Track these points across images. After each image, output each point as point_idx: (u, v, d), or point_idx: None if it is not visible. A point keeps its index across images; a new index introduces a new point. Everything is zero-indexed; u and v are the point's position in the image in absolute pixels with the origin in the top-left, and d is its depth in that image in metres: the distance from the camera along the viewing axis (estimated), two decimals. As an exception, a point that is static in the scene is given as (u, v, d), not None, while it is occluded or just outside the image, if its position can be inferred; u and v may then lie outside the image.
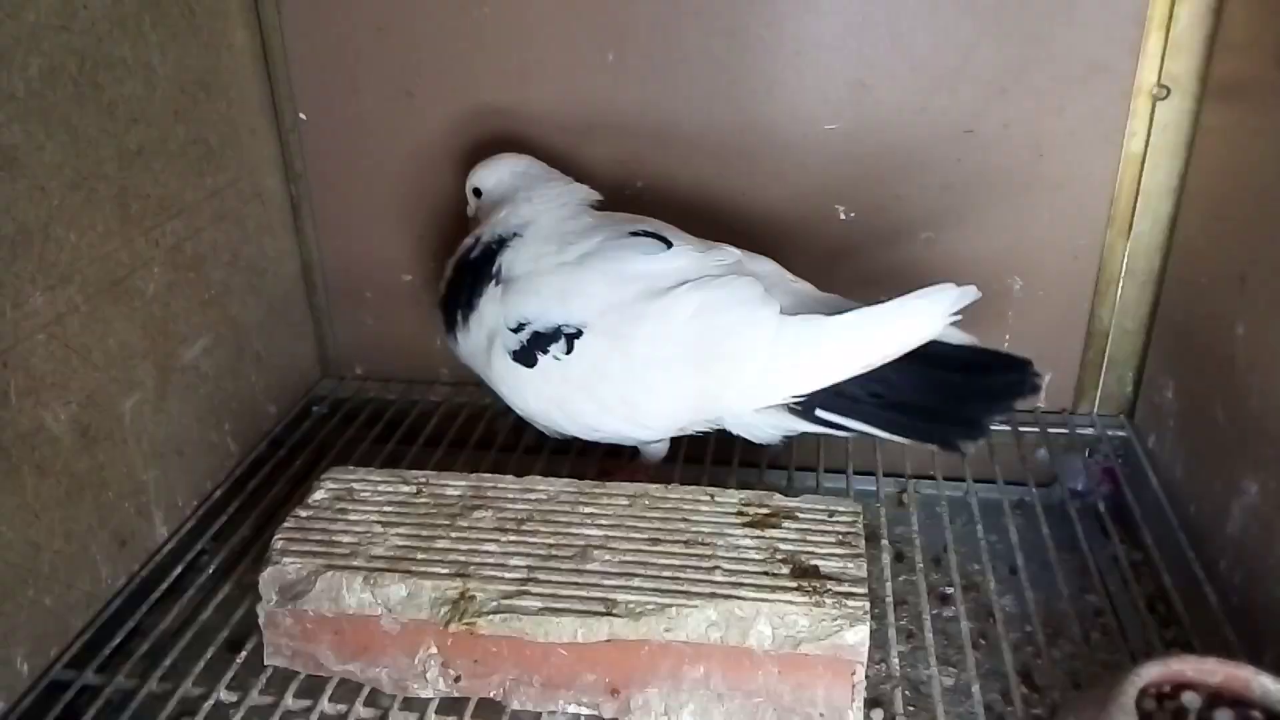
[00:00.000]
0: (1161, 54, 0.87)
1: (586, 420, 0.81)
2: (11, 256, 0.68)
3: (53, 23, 0.71)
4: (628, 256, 0.78)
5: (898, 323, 0.71)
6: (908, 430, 0.74)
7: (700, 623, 0.65)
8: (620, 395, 0.79)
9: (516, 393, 0.82)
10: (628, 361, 0.77)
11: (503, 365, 0.81)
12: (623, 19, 0.92)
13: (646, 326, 0.76)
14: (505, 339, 0.80)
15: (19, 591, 0.70)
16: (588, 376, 0.78)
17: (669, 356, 0.76)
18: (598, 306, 0.77)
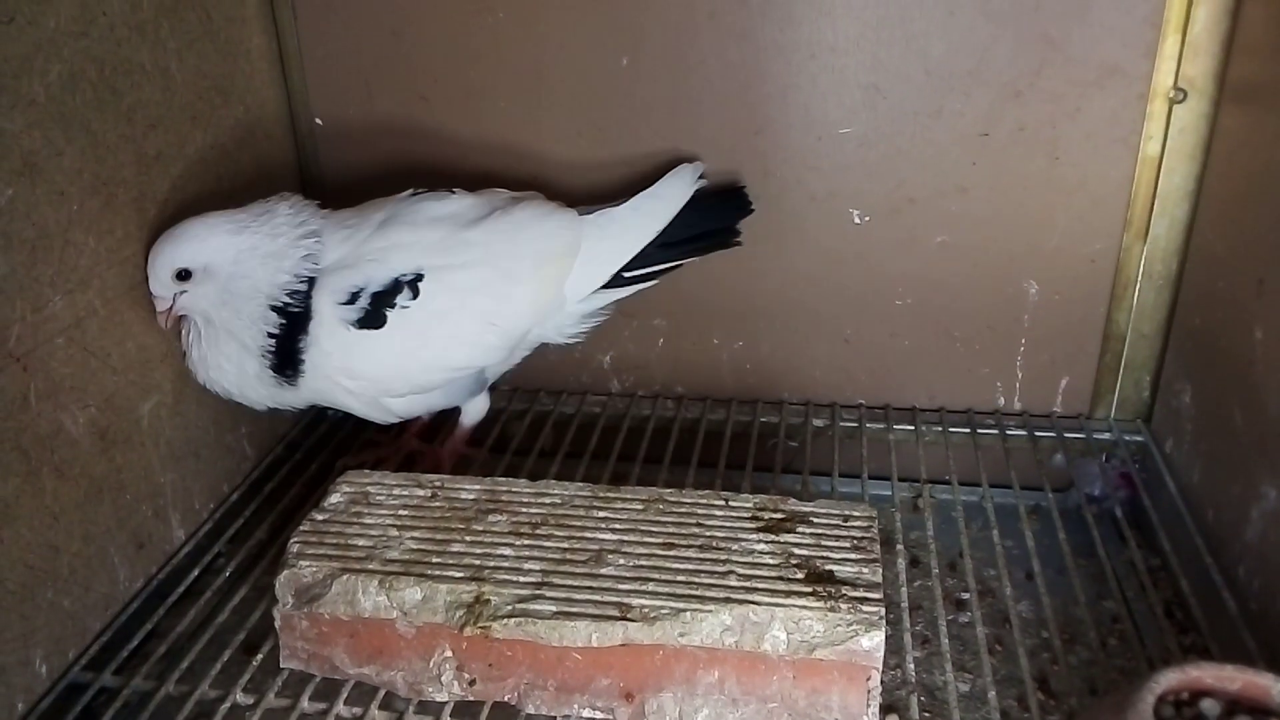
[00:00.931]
0: (1178, 56, 0.86)
1: (442, 361, 0.85)
2: (31, 261, 0.69)
3: (72, 29, 0.72)
4: (423, 207, 0.85)
5: (666, 197, 0.91)
6: (691, 253, 0.93)
7: (715, 627, 0.65)
8: (477, 317, 0.84)
9: (363, 364, 0.82)
10: (476, 282, 0.83)
11: (345, 341, 0.80)
12: (637, 23, 0.92)
13: (478, 250, 0.84)
14: (342, 317, 0.80)
15: (38, 593, 0.70)
16: (443, 312, 0.82)
17: (509, 270, 0.85)
18: (422, 251, 0.82)
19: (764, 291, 1.00)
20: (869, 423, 0.99)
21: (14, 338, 0.68)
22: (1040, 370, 0.98)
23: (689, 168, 0.92)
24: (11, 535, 0.68)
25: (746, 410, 1.01)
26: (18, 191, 0.67)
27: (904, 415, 1.00)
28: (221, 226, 0.78)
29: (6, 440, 0.67)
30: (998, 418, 0.99)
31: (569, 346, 1.03)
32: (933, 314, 0.98)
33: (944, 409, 1.00)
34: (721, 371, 1.03)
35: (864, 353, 1.00)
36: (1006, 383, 0.99)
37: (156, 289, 0.78)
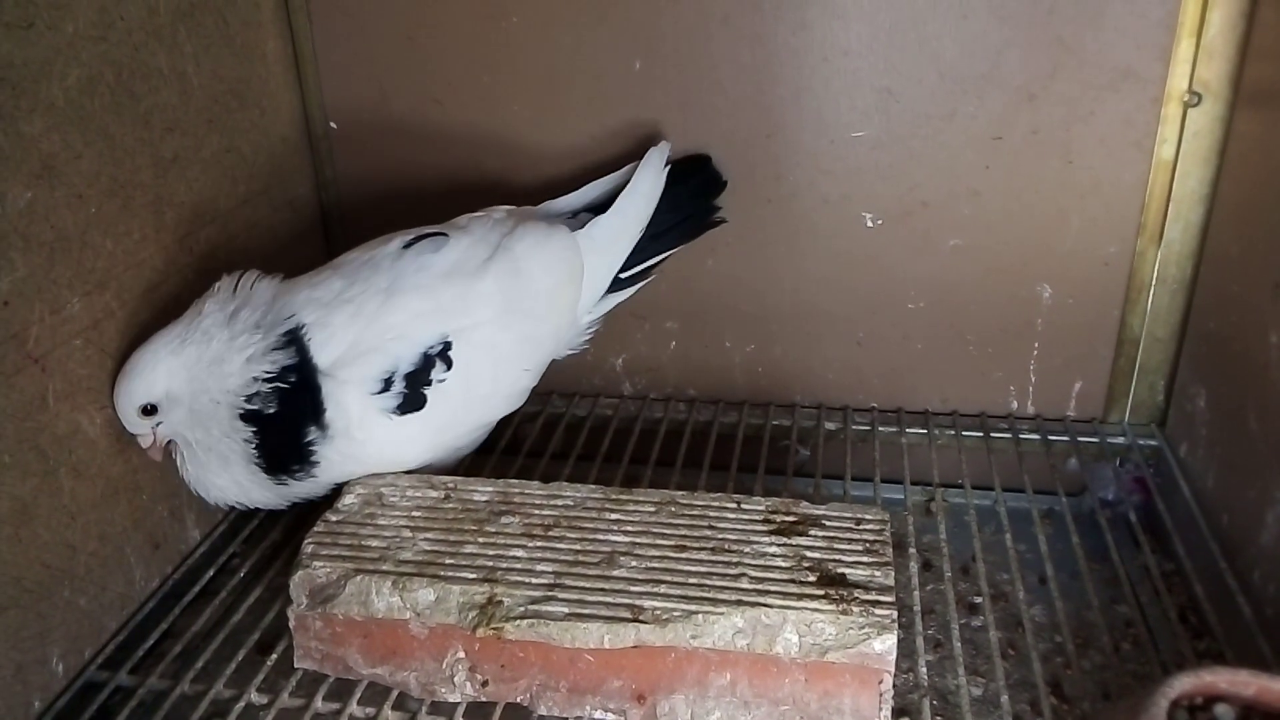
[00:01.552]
0: (1193, 60, 0.86)
1: (484, 419, 0.83)
2: (50, 263, 0.69)
3: (91, 34, 0.72)
4: (424, 263, 0.79)
5: (644, 193, 0.89)
6: (679, 241, 0.93)
7: (727, 630, 0.65)
8: (511, 367, 0.82)
9: (409, 448, 0.78)
10: (503, 334, 0.80)
11: (387, 430, 0.76)
12: (650, 27, 0.93)
13: (496, 300, 0.80)
14: (381, 407, 0.75)
15: (55, 592, 0.71)
16: (479, 374, 0.79)
17: (529, 311, 0.82)
18: (441, 315, 0.78)
19: (776, 294, 1.00)
20: (881, 426, 0.99)
21: (33, 339, 0.68)
22: (1054, 374, 0.98)
23: (656, 152, 0.90)
24: (29, 535, 0.69)
25: (759, 413, 1.01)
26: (36, 194, 0.68)
27: (917, 418, 1.00)
28: (161, 350, 0.74)
29: (25, 440, 0.68)
30: (1011, 421, 0.99)
31: (580, 349, 1.04)
32: (946, 317, 0.98)
33: (957, 412, 1.00)
34: (734, 374, 1.04)
35: (877, 356, 1.00)
36: (1020, 386, 0.99)
37: (132, 428, 0.75)
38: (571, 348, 0.91)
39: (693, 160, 0.94)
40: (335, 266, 0.80)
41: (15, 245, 0.67)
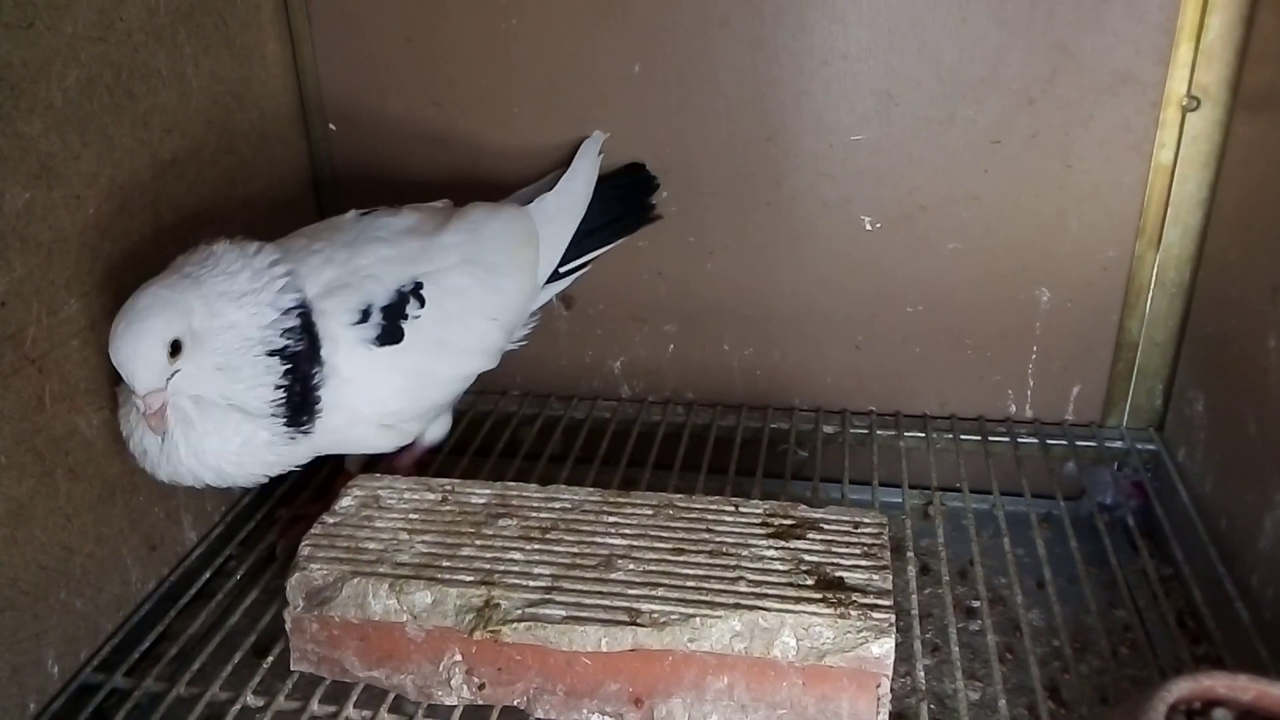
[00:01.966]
0: (1192, 64, 0.86)
1: (458, 369, 0.84)
2: (48, 264, 0.69)
3: (90, 34, 0.72)
4: (385, 223, 0.82)
5: (583, 174, 0.93)
6: (616, 236, 0.96)
7: (724, 633, 0.65)
8: (480, 314, 0.83)
9: (388, 386, 0.78)
10: (469, 280, 0.82)
11: (368, 363, 0.76)
12: (649, 30, 0.93)
13: (457, 252, 0.82)
14: (361, 337, 0.75)
15: (51, 594, 0.71)
16: (450, 315, 0.80)
17: (492, 264, 0.84)
18: (408, 261, 0.80)
19: (775, 297, 1.00)
20: (880, 429, 0.99)
21: (30, 340, 0.68)
22: (1052, 377, 0.98)
23: (591, 141, 0.94)
24: (25, 536, 0.68)
25: (757, 416, 1.01)
26: (35, 195, 0.68)
27: (915, 422, 1.00)
28: (177, 285, 0.69)
29: (21, 442, 0.68)
30: (1009, 425, 0.98)
31: (579, 352, 1.04)
32: (944, 321, 0.98)
33: (955, 416, 1.00)
34: (732, 377, 1.03)
35: (875, 359, 1.00)
36: (1018, 390, 0.99)
37: (149, 381, 0.67)
38: (514, 338, 0.91)
39: (628, 167, 0.97)
40: (293, 235, 0.81)
41: (13, 246, 0.66)
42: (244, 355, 0.70)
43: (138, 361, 0.66)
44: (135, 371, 0.66)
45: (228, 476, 0.73)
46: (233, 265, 0.71)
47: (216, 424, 0.71)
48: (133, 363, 0.66)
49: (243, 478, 0.75)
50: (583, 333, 1.04)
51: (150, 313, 0.67)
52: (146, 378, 0.67)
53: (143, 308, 0.67)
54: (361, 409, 0.77)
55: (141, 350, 0.66)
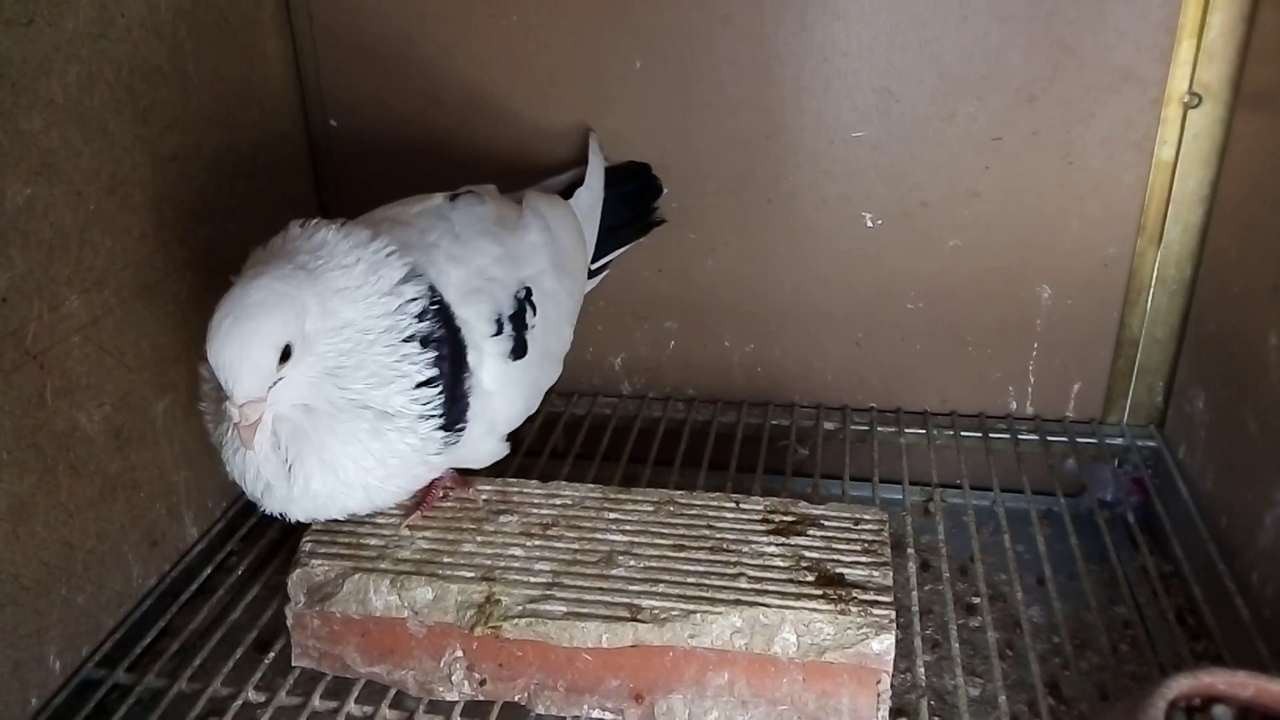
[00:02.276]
0: (1193, 62, 0.86)
1: (548, 380, 0.78)
2: (49, 260, 0.69)
3: (90, 31, 0.72)
4: (475, 212, 0.75)
5: (598, 174, 0.90)
6: (631, 237, 0.94)
7: (725, 629, 0.65)
8: (565, 319, 0.80)
9: (514, 403, 0.72)
10: (557, 284, 0.78)
11: (507, 379, 0.70)
12: (650, 27, 0.92)
13: (545, 253, 0.77)
14: (499, 351, 0.70)
15: (52, 590, 0.71)
16: (549, 324, 0.76)
17: (566, 266, 0.80)
18: (513, 262, 0.73)
19: (776, 294, 1.00)
20: (880, 426, 0.99)
21: (30, 336, 0.68)
22: (1053, 374, 0.98)
23: (594, 140, 0.93)
24: (27, 532, 0.69)
25: (758, 413, 1.01)
26: (35, 191, 0.68)
27: (915, 419, 1.00)
28: (296, 278, 0.60)
29: (23, 438, 0.68)
30: (1010, 422, 0.98)
31: (580, 348, 1.04)
32: (945, 317, 0.98)
33: (956, 413, 1.00)
34: (733, 374, 1.04)
35: (876, 356, 1.00)
36: (1019, 387, 0.99)
37: (252, 387, 0.58)
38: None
39: (629, 167, 0.95)
40: (381, 219, 0.72)
41: (14, 242, 0.67)
42: (366, 350, 0.62)
43: (244, 366, 0.57)
44: (239, 377, 0.57)
45: (375, 496, 0.65)
46: (348, 257, 0.63)
47: (346, 432, 0.62)
48: (237, 367, 0.57)
49: (388, 496, 0.66)
50: (583, 329, 1.03)
51: (264, 310, 0.58)
52: (249, 384, 0.58)
53: (255, 304, 0.58)
54: (499, 422, 0.71)
55: (252, 354, 0.57)
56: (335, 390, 0.62)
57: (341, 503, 0.64)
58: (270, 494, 0.63)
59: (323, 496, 0.63)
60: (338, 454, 0.62)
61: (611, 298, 1.02)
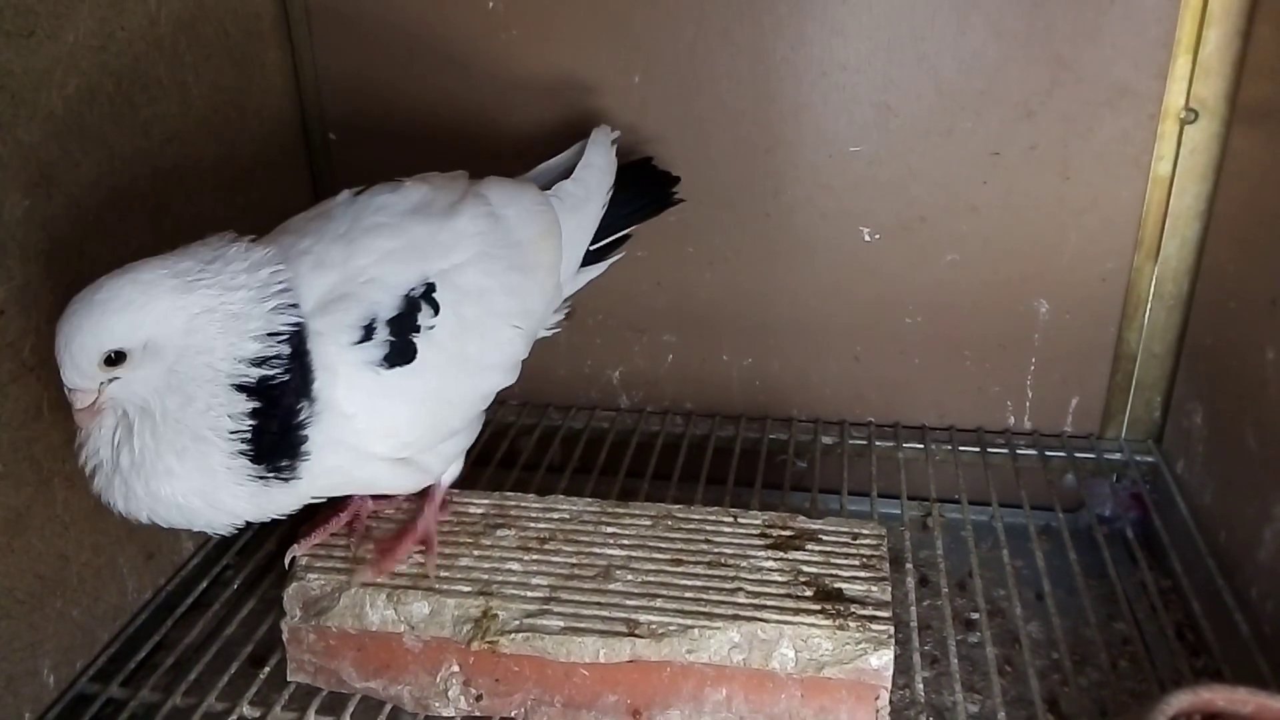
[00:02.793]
0: (1189, 77, 0.86)
1: (481, 385, 0.71)
2: (47, 272, 0.69)
3: (91, 44, 0.72)
4: (383, 202, 0.70)
5: (599, 166, 0.84)
6: (640, 216, 0.88)
7: (723, 645, 0.65)
8: (501, 319, 0.71)
9: (402, 414, 0.65)
10: (488, 279, 0.70)
11: (374, 391, 0.63)
12: (649, 41, 0.93)
13: (474, 241, 0.70)
14: (364, 360, 0.63)
15: (47, 603, 0.71)
16: (468, 322, 0.68)
17: (513, 260, 0.72)
18: (417, 254, 0.67)
19: (774, 308, 1.00)
20: (878, 440, 0.99)
21: (28, 348, 0.68)
22: (1051, 389, 0.98)
23: (600, 131, 0.86)
24: (22, 544, 0.68)
25: (755, 427, 1.01)
26: (34, 203, 0.68)
27: (913, 433, 1.00)
28: (163, 284, 0.59)
29: (19, 450, 0.68)
30: (1008, 437, 0.98)
31: (578, 362, 1.04)
32: (943, 332, 0.98)
33: (954, 427, 1.00)
34: (731, 388, 1.03)
35: (874, 370, 1.00)
36: (1017, 401, 0.99)
37: (75, 379, 0.58)
38: (549, 325, 0.81)
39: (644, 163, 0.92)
40: (284, 229, 0.69)
41: (12, 254, 0.66)
42: (202, 385, 0.60)
43: (67, 356, 0.58)
44: (64, 364, 0.58)
45: (194, 516, 0.61)
46: (235, 279, 0.61)
47: (175, 442, 0.59)
48: (63, 354, 0.58)
49: (213, 521, 0.62)
50: (581, 342, 1.04)
51: (102, 309, 0.58)
52: (72, 375, 0.58)
53: (101, 301, 0.58)
54: (369, 445, 0.64)
55: (74, 348, 0.57)
56: (172, 404, 0.60)
57: (154, 511, 0.61)
58: (98, 474, 0.62)
59: (136, 501, 0.61)
60: (159, 460, 0.60)
61: (610, 311, 1.02)
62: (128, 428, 0.60)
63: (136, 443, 0.60)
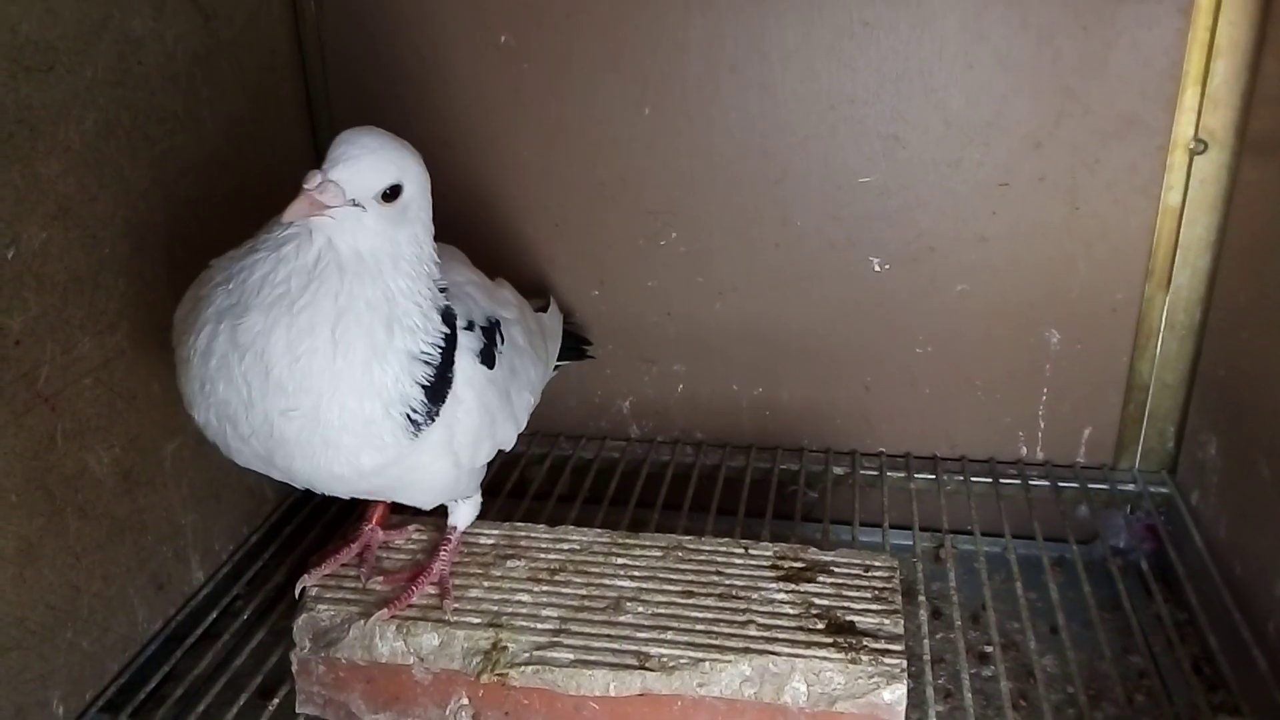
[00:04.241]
0: (1198, 108, 0.87)
1: (507, 429, 0.72)
2: (63, 303, 0.70)
3: (109, 79, 0.73)
4: (451, 249, 0.74)
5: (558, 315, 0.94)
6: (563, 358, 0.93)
7: (734, 678, 0.64)
8: (526, 380, 0.74)
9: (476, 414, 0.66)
10: (525, 342, 0.75)
11: (473, 380, 0.65)
12: (659, 75, 0.94)
13: (515, 310, 0.76)
14: (469, 346, 0.66)
15: (57, 633, 0.71)
16: (514, 367, 0.72)
17: (533, 342, 0.78)
18: (488, 299, 0.72)
19: (784, 338, 1.00)
20: (890, 471, 0.98)
21: (43, 378, 0.69)
22: (1063, 420, 0.97)
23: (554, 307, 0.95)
24: (34, 575, 0.68)
25: (766, 457, 1.01)
26: (51, 235, 0.69)
27: (925, 464, 0.99)
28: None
29: (32, 480, 0.68)
30: (1020, 467, 0.98)
31: (588, 392, 1.04)
32: (954, 362, 0.97)
33: (966, 458, 1.00)
34: (741, 418, 1.03)
35: (885, 400, 1.00)
36: (1029, 432, 0.99)
37: (346, 177, 0.58)
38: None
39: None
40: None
41: (29, 285, 0.67)
42: (420, 280, 0.61)
43: (351, 155, 0.58)
44: (340, 160, 0.57)
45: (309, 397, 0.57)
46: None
47: (353, 322, 0.57)
48: (345, 153, 0.58)
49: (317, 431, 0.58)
50: (592, 372, 1.04)
51: (411, 152, 0.62)
52: (342, 172, 0.57)
53: (408, 147, 0.62)
54: (458, 436, 0.65)
55: (368, 159, 0.58)
56: (388, 273, 0.59)
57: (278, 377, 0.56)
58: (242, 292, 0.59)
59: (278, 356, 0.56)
60: (320, 329, 0.57)
61: (620, 341, 1.02)
62: (322, 271, 0.58)
63: (319, 290, 0.57)
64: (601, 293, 1.01)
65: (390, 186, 0.59)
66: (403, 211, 0.60)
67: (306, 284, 0.58)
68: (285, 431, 0.58)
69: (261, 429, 0.58)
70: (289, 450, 0.59)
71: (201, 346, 0.59)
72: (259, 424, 0.58)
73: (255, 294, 0.58)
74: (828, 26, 0.89)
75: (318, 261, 0.58)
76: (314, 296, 0.58)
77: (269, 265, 0.59)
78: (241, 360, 0.57)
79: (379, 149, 0.59)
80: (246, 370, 0.57)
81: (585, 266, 1.01)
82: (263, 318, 0.58)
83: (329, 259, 0.58)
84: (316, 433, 0.58)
